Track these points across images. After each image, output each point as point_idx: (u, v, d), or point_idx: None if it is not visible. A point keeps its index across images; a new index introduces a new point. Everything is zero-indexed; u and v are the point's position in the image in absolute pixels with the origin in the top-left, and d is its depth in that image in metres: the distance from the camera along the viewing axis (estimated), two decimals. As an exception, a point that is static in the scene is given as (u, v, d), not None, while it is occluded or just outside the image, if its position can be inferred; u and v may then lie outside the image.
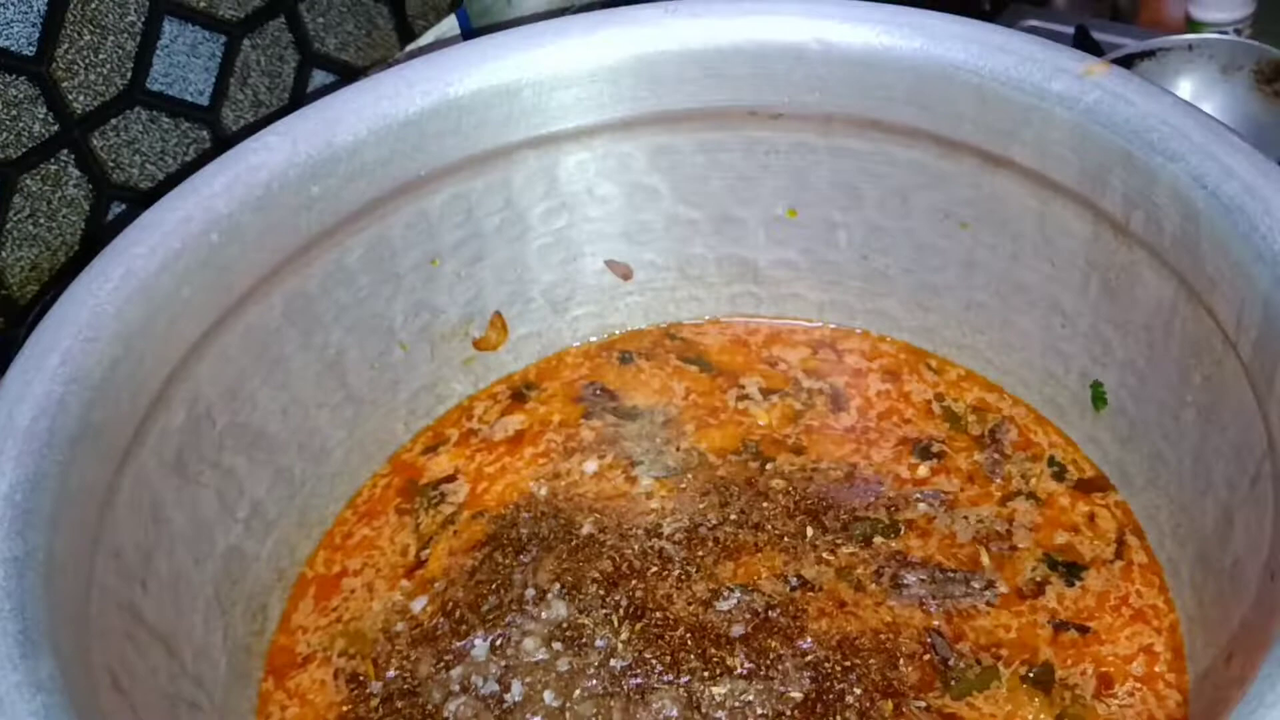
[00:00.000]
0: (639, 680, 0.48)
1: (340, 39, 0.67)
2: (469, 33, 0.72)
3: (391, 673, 0.49)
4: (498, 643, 0.50)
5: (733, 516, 0.53)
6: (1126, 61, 0.73)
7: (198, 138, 0.61)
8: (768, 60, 0.54)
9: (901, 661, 0.48)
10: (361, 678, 0.50)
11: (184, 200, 0.47)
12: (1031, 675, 0.47)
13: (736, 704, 0.46)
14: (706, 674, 0.47)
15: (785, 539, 0.52)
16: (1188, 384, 0.46)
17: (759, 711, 0.46)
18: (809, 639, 0.48)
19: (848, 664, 0.47)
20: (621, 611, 0.50)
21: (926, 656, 0.48)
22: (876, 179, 0.55)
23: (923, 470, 0.55)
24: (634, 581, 0.51)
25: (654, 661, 0.48)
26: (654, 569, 0.51)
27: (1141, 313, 0.48)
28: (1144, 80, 0.47)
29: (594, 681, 0.48)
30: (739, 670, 0.47)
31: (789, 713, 0.46)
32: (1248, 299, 0.42)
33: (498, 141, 0.54)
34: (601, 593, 0.51)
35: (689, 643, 0.49)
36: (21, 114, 0.54)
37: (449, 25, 0.72)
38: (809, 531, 0.53)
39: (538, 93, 0.54)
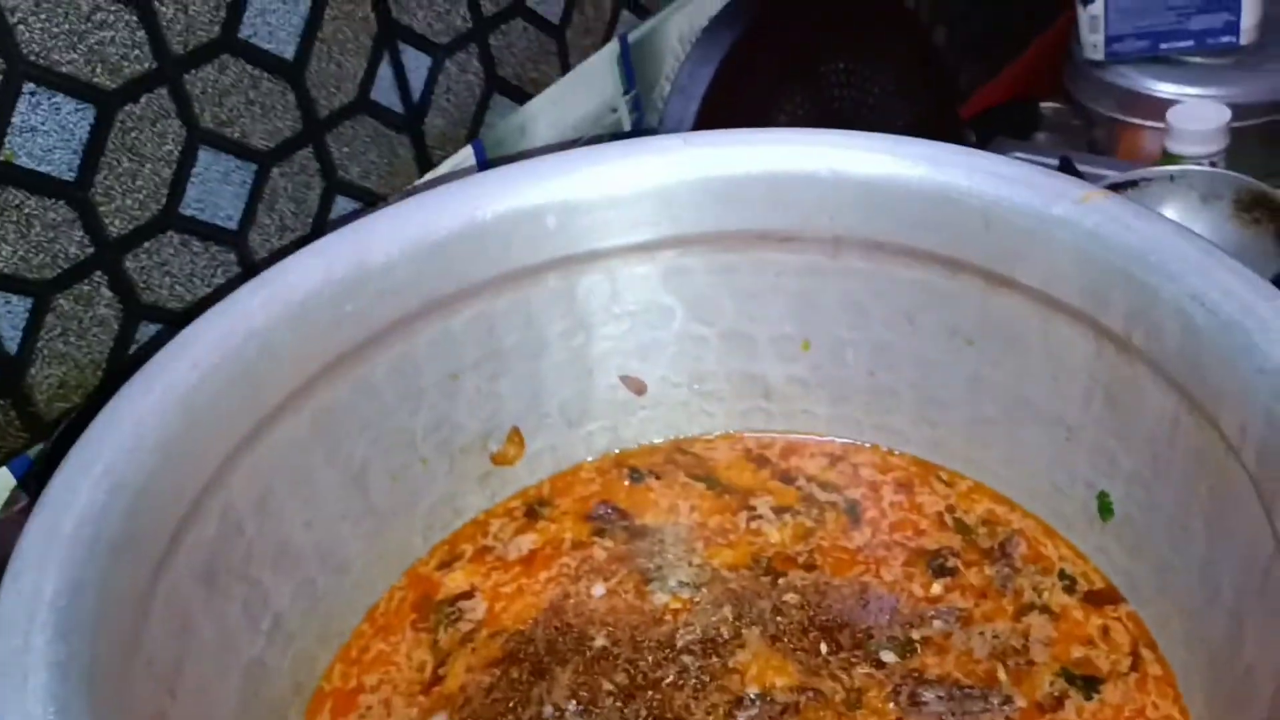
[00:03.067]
0: (662, 792, 0.48)
1: (363, 167, 0.70)
2: (484, 163, 0.75)
3: (411, 788, 0.49)
4: (518, 757, 0.50)
5: (746, 630, 0.54)
6: (1112, 190, 0.77)
7: (225, 260, 0.63)
8: (780, 187, 0.56)
9: (922, 775, 0.48)
10: (381, 793, 0.49)
11: (224, 316, 0.49)
12: (1053, 787, 0.47)
13: (761, 816, 0.46)
14: (730, 786, 0.47)
15: (800, 654, 0.53)
16: (1193, 494, 0.48)
17: (785, 823, 0.46)
18: (830, 751, 0.49)
19: (870, 776, 0.48)
20: (641, 723, 0.50)
21: (947, 770, 0.48)
22: (883, 298, 0.58)
23: (936, 587, 0.55)
24: (650, 692, 0.51)
25: (676, 774, 0.48)
26: (670, 680, 0.52)
27: (1145, 425, 0.50)
28: (1140, 205, 0.50)
29: (617, 795, 0.48)
30: (762, 782, 0.48)
31: (815, 824, 0.46)
32: (1249, 410, 0.44)
33: (521, 263, 0.56)
34: (619, 705, 0.51)
35: (711, 755, 0.49)
36: (59, 236, 0.56)
37: (465, 155, 0.75)
38: (823, 649, 0.53)
39: (561, 218, 0.56)
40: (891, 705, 0.50)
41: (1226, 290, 0.45)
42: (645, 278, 0.59)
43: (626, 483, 0.62)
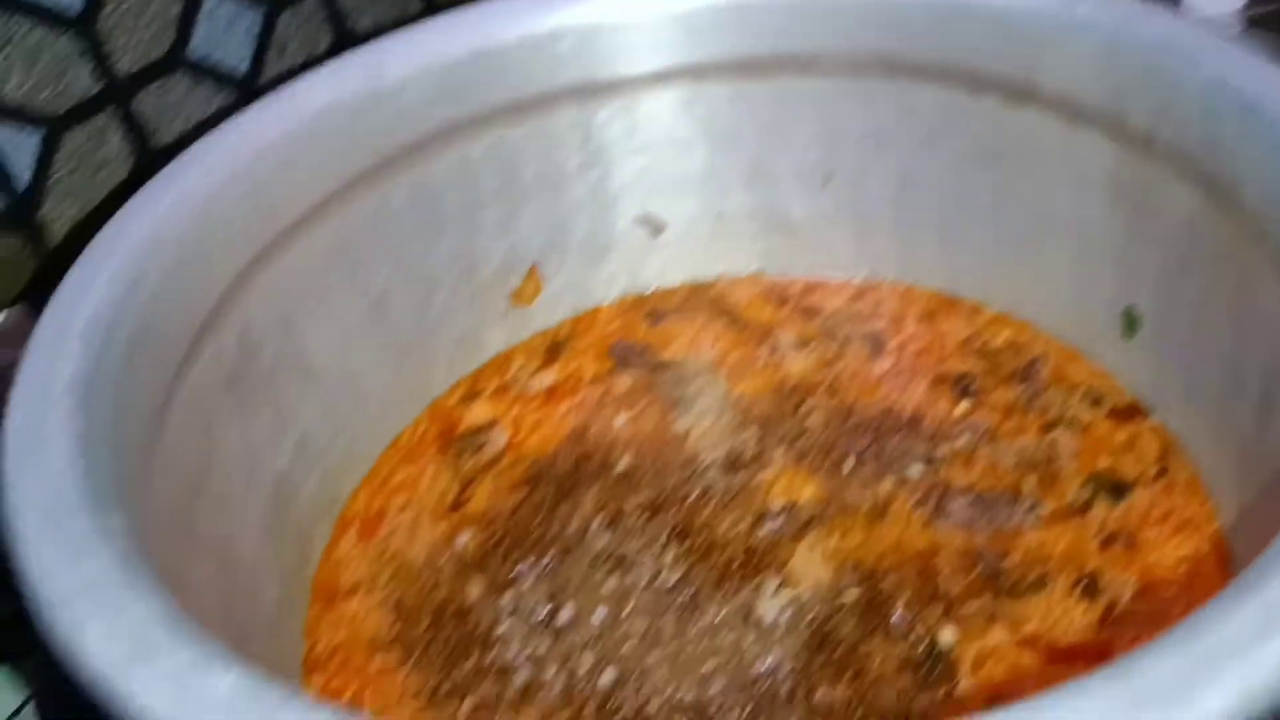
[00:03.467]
0: (690, 594, 0.48)
1: (374, 19, 0.69)
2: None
3: (439, 600, 0.49)
4: (545, 571, 0.50)
5: (770, 449, 0.54)
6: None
7: (236, 106, 0.63)
8: (800, 8, 0.55)
9: (948, 574, 0.48)
10: (409, 605, 0.50)
11: (237, 128, 0.48)
12: (1080, 584, 0.47)
13: (791, 610, 0.47)
14: (757, 584, 0.48)
15: (825, 469, 0.53)
16: (1219, 290, 0.47)
17: (815, 613, 0.46)
18: (856, 555, 0.49)
19: (898, 575, 0.48)
20: (665, 536, 0.50)
21: (976, 572, 0.48)
22: (906, 122, 0.57)
23: (961, 408, 0.55)
24: (676, 508, 0.51)
25: (703, 578, 0.48)
26: (694, 497, 0.52)
27: (1170, 227, 0.49)
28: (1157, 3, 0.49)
29: (645, 598, 0.48)
30: (789, 580, 0.48)
31: (845, 613, 0.46)
32: (1274, 192, 0.43)
33: (538, 90, 0.56)
34: (645, 520, 0.51)
35: (738, 560, 0.49)
36: (68, 69, 0.55)
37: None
38: (849, 464, 0.53)
39: (577, 43, 0.55)
40: (918, 514, 0.50)
41: (1250, 73, 0.45)
42: (664, 109, 0.58)
43: (646, 322, 0.62)
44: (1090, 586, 0.47)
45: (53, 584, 0.32)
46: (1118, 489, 0.50)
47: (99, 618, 0.30)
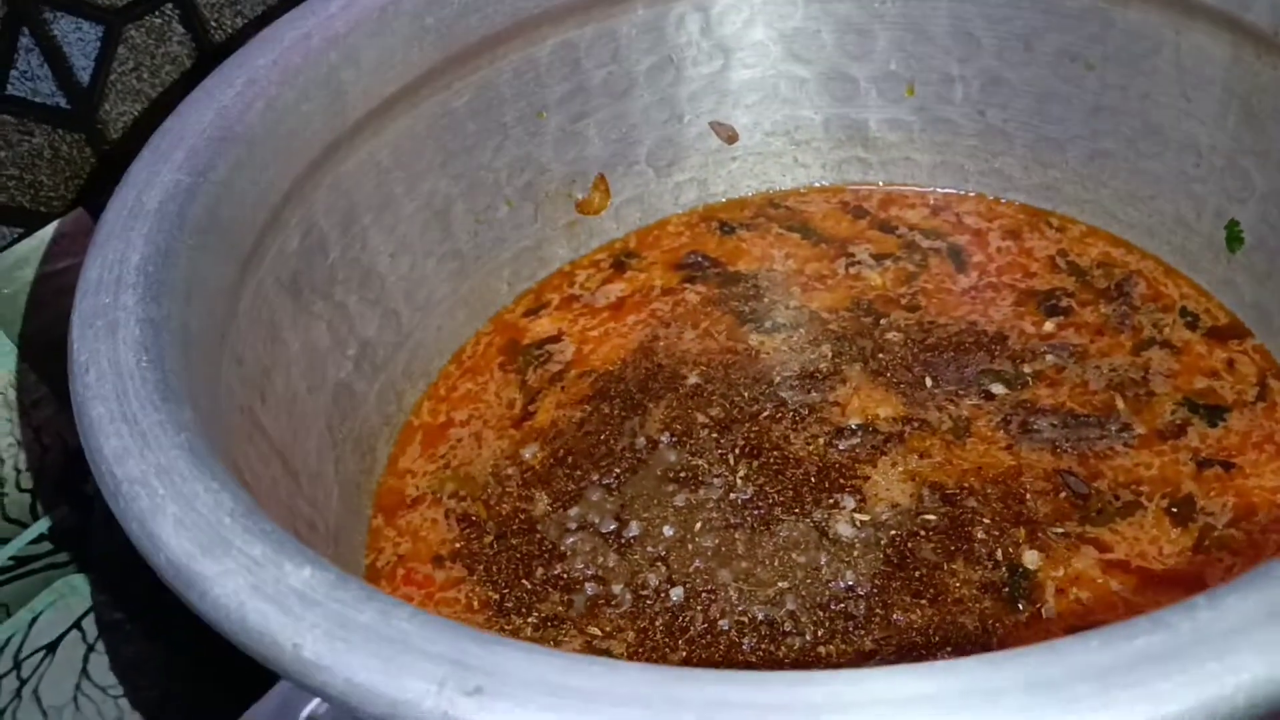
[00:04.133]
0: (761, 511, 0.46)
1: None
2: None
3: (505, 513, 0.48)
4: (612, 485, 0.48)
5: (846, 366, 0.52)
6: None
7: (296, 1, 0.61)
8: (885, -100, 0.52)
9: (1030, 497, 0.46)
10: (474, 518, 0.48)
11: (303, 19, 0.46)
12: (1174, 509, 0.45)
13: (868, 530, 0.45)
14: (832, 502, 0.46)
15: (903, 387, 0.51)
16: (1340, 203, 0.44)
17: (893, 533, 0.44)
18: (936, 475, 0.47)
19: (979, 497, 0.46)
20: (737, 451, 0.49)
21: (1062, 494, 0.46)
22: (998, 23, 0.54)
23: (1049, 326, 0.53)
24: (747, 425, 0.50)
25: (776, 495, 0.47)
26: (766, 413, 0.50)
27: (1287, 135, 0.46)
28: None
29: (714, 514, 0.46)
30: (866, 499, 0.46)
31: (925, 534, 0.44)
32: None
33: (608, -15, 0.53)
34: (715, 436, 0.49)
35: (812, 478, 0.47)
36: (128, -37, 0.54)
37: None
38: (928, 382, 0.51)
39: (650, -65, 0.53)
40: (1002, 434, 0.48)
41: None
42: (738, 8, 0.56)
43: (717, 234, 0.60)
44: (1183, 512, 0.45)
45: (124, 470, 0.30)
46: (1214, 412, 0.48)
47: (172, 505, 0.29)
